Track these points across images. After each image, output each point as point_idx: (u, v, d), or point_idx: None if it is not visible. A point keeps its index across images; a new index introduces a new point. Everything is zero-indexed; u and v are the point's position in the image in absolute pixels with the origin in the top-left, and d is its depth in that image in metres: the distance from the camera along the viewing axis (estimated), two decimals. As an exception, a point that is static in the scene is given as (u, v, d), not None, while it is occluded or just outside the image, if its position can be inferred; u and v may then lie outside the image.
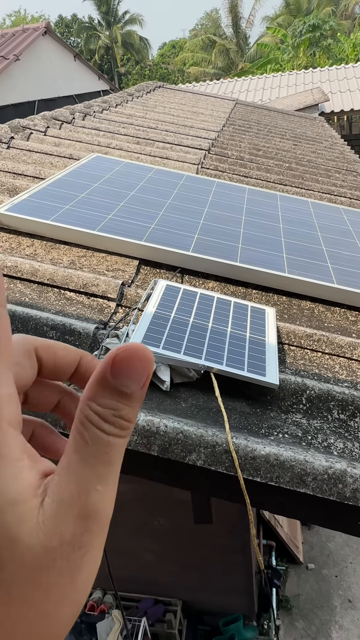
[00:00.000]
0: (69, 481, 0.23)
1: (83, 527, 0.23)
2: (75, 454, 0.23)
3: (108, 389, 0.23)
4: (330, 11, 20.35)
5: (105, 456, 0.23)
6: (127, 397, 0.24)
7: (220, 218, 1.99)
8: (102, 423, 0.23)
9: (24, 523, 0.22)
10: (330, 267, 1.70)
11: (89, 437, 0.23)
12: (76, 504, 0.22)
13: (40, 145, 2.73)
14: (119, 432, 0.24)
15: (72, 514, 0.22)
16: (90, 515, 0.23)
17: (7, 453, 0.22)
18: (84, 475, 0.23)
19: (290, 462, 0.95)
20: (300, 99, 8.86)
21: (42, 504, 0.22)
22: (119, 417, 0.23)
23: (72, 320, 1.25)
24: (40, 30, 9.24)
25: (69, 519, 0.22)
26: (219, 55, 22.27)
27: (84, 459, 0.23)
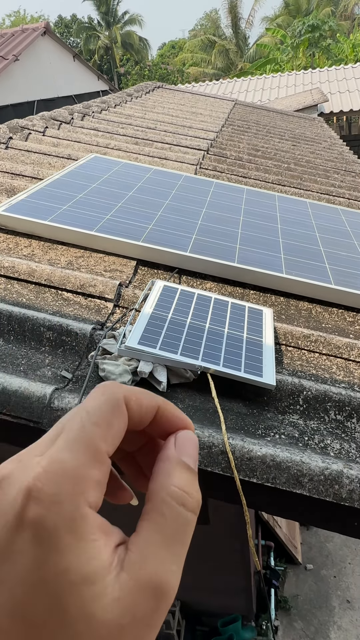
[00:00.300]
0: (146, 560, 0.24)
1: (155, 606, 0.23)
2: (154, 533, 0.24)
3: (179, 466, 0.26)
4: (330, 12, 20.38)
5: (183, 535, 0.25)
6: (192, 472, 0.26)
7: (218, 219, 1.99)
8: (186, 498, 0.25)
9: (99, 600, 0.22)
10: (328, 268, 1.70)
11: (170, 514, 0.24)
12: (152, 584, 0.23)
13: (39, 146, 2.73)
14: (195, 507, 0.25)
15: (147, 592, 0.23)
16: (163, 594, 0.24)
17: (86, 535, 0.23)
18: (162, 556, 0.24)
19: (286, 463, 0.95)
20: (299, 99, 8.86)
21: (118, 579, 0.23)
22: (195, 490, 0.26)
23: (69, 320, 1.25)
24: (40, 30, 9.24)
25: (143, 598, 0.23)
26: (218, 55, 22.28)
27: (164, 539, 0.24)
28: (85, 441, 0.25)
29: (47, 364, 1.16)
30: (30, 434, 1.04)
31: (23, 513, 0.22)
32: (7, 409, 1.01)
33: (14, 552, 0.22)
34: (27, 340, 1.21)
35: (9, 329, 1.22)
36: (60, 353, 1.20)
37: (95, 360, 1.13)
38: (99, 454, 0.25)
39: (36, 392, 1.01)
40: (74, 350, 1.20)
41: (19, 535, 0.22)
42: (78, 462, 0.24)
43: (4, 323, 1.22)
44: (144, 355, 1.12)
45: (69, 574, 0.22)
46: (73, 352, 1.20)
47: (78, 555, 0.22)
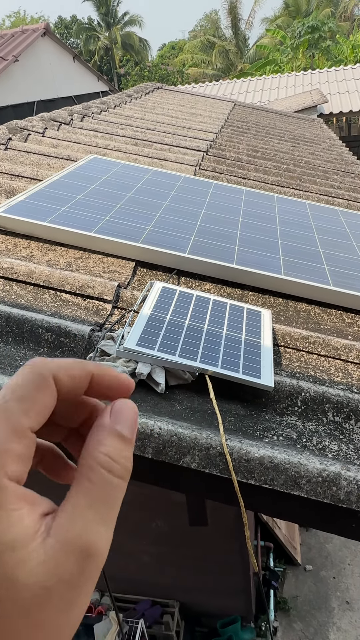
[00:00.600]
0: (73, 523, 0.24)
1: (82, 567, 0.24)
2: (81, 496, 0.25)
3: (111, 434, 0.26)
4: (329, 13, 20.40)
5: (110, 499, 0.25)
6: (126, 441, 0.27)
7: (217, 220, 1.99)
8: (112, 464, 0.26)
9: (23, 565, 0.23)
10: (327, 269, 1.70)
11: (97, 479, 0.25)
12: (77, 545, 0.24)
13: (38, 147, 2.73)
14: (123, 473, 0.26)
15: (73, 554, 0.24)
16: (90, 555, 0.24)
17: (4, 504, 0.24)
18: (89, 518, 0.24)
19: (284, 465, 0.95)
20: (299, 100, 8.87)
21: (44, 544, 0.24)
22: (124, 457, 0.26)
23: (68, 322, 1.25)
24: (40, 31, 9.25)
25: (69, 559, 0.23)
26: (218, 56, 22.30)
27: (90, 502, 0.25)
28: (5, 416, 0.25)
29: (45, 365, 1.16)
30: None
31: None
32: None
33: None
34: (25, 342, 1.21)
35: (7, 330, 1.22)
36: (59, 354, 1.20)
37: (93, 362, 1.13)
38: (19, 428, 0.25)
39: (34, 394, 1.01)
40: (73, 352, 1.20)
41: None
42: None
43: (3, 324, 1.22)
44: (142, 356, 1.12)
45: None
46: (71, 353, 1.20)
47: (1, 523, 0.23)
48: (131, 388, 0.30)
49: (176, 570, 2.79)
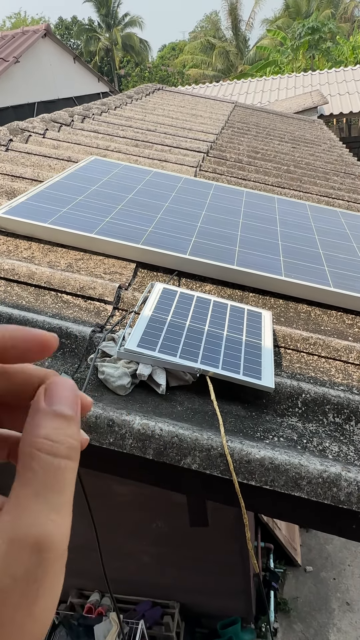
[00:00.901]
0: (20, 518, 0.23)
1: (37, 561, 0.22)
2: (24, 488, 0.23)
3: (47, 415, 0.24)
4: (330, 14, 20.42)
5: (58, 484, 0.23)
6: (67, 418, 0.25)
7: (217, 221, 2.00)
8: (53, 445, 0.24)
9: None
10: (327, 270, 1.71)
11: (38, 465, 0.23)
12: (28, 540, 0.22)
13: (39, 148, 2.74)
14: (69, 452, 0.24)
15: (25, 550, 0.22)
16: (45, 547, 0.22)
17: None
18: (36, 509, 0.23)
19: (285, 466, 0.95)
20: (299, 101, 8.88)
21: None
22: (66, 435, 0.24)
23: (69, 323, 1.25)
24: (40, 32, 9.26)
25: (21, 556, 0.22)
26: (218, 57, 22.32)
27: (35, 492, 0.23)
28: None
29: (46, 366, 1.16)
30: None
31: None
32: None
33: None
34: (26, 343, 1.22)
35: (8, 332, 1.23)
36: (60, 356, 1.20)
37: (94, 363, 1.13)
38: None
39: (35, 395, 1.01)
40: (74, 353, 1.20)
41: None
42: None
43: (4, 325, 1.23)
44: (143, 357, 1.12)
45: None
46: (73, 354, 1.20)
47: None
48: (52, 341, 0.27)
49: (176, 571, 2.79)
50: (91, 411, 1.01)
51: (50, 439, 0.24)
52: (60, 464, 0.24)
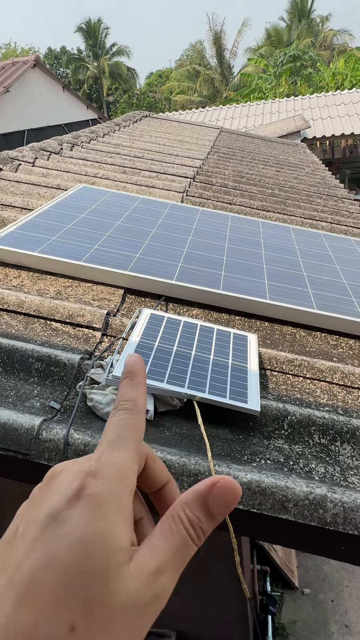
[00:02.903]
0: (152, 558, 0.27)
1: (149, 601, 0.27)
2: (161, 539, 0.28)
3: (202, 504, 0.29)
4: (310, 42, 21.24)
5: (182, 553, 0.28)
6: (211, 517, 0.29)
7: (203, 246, 2.05)
8: (189, 526, 0.29)
9: (119, 569, 0.26)
10: (311, 293, 1.75)
11: (176, 531, 0.28)
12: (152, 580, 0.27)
13: (29, 176, 2.80)
14: (196, 539, 0.29)
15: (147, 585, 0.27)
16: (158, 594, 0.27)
17: (125, 510, 0.28)
18: (164, 559, 0.28)
19: (271, 489, 0.97)
20: (282, 125, 9.15)
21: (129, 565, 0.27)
22: (201, 528, 0.29)
23: (58, 351, 1.27)
24: (30, 63, 9.51)
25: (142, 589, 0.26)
26: (204, 84, 23.01)
27: (168, 547, 0.28)
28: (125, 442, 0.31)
29: (35, 394, 1.18)
30: (18, 465, 1.05)
31: (81, 489, 0.27)
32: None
33: (66, 517, 0.27)
34: (15, 372, 1.23)
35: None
36: (49, 383, 1.22)
37: (83, 390, 1.15)
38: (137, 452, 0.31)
39: (24, 424, 1.02)
40: (62, 381, 1.22)
41: (73, 505, 0.27)
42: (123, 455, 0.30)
43: (-7, 355, 1.24)
44: (131, 384, 1.14)
45: (106, 537, 0.26)
46: (61, 382, 1.22)
47: (116, 523, 0.27)
48: None
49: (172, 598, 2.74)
50: (80, 438, 1.02)
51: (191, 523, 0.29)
52: (188, 541, 0.29)
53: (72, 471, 0.29)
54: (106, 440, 0.31)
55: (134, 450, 0.30)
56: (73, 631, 0.24)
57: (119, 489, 0.28)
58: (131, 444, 0.31)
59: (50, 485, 0.29)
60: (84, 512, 0.27)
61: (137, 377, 0.34)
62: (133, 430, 0.31)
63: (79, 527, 0.26)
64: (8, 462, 1.05)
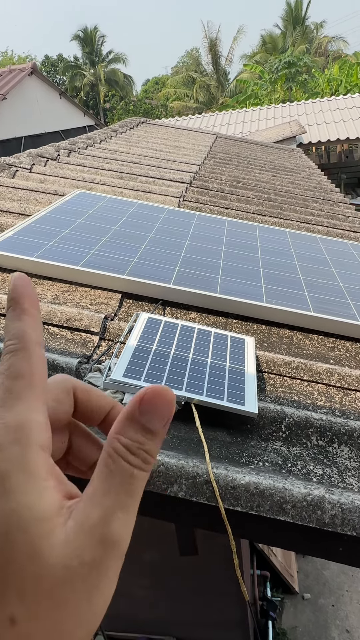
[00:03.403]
0: (93, 507, 0.25)
1: (102, 552, 0.24)
2: (101, 483, 0.25)
3: (135, 425, 0.26)
4: (305, 49, 21.45)
5: (129, 487, 0.25)
6: (151, 433, 0.26)
7: (200, 250, 2.06)
8: (128, 455, 0.26)
9: (48, 539, 0.23)
10: (307, 296, 1.76)
11: (115, 467, 0.25)
12: (98, 529, 0.24)
13: (26, 182, 2.81)
14: (142, 465, 0.26)
15: (94, 538, 0.24)
16: (110, 540, 0.24)
17: (35, 473, 0.25)
18: (107, 504, 0.25)
19: (269, 491, 0.97)
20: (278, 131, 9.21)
21: (65, 525, 0.24)
22: (144, 450, 0.26)
23: (55, 355, 1.27)
24: (27, 70, 9.57)
25: (89, 542, 0.24)
26: (200, 90, 23.18)
27: (109, 489, 0.25)
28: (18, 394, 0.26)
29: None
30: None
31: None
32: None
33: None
34: (14, 376, 1.23)
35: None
36: (47, 387, 1.22)
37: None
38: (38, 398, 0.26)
39: (23, 428, 1.02)
40: (61, 385, 1.22)
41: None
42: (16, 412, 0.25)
43: (-9, 359, 1.24)
44: (128, 387, 1.15)
45: (18, 512, 0.23)
46: (59, 386, 1.22)
47: (28, 493, 0.24)
48: None
49: (171, 604, 2.72)
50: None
51: (129, 448, 0.26)
52: (133, 472, 0.25)
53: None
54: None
55: (32, 400, 0.26)
56: (15, 623, 0.22)
57: (20, 452, 0.24)
58: (26, 393, 0.26)
59: None
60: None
61: (22, 302, 0.28)
62: (26, 376, 0.26)
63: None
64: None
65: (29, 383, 0.26)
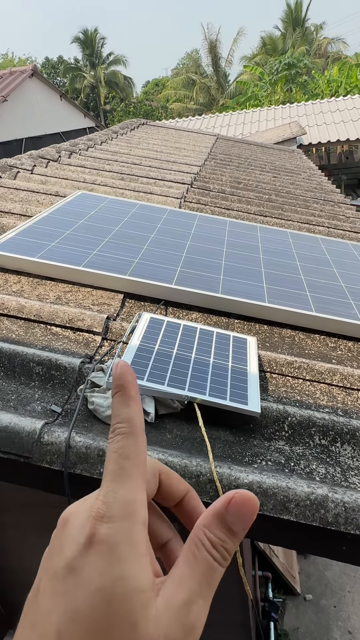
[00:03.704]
0: (180, 589, 0.27)
1: (183, 634, 0.26)
2: (186, 567, 0.28)
3: (221, 524, 0.28)
4: (304, 50, 21.48)
5: (209, 577, 0.28)
6: (233, 534, 0.29)
7: (202, 250, 2.06)
8: (212, 549, 0.28)
9: (144, 611, 0.25)
10: (309, 296, 1.76)
11: (200, 556, 0.28)
12: (182, 612, 0.26)
13: (27, 184, 2.81)
14: (222, 560, 0.28)
15: (178, 619, 0.26)
16: (190, 625, 0.26)
17: (139, 547, 0.27)
18: (192, 588, 0.27)
19: (273, 490, 0.97)
20: (278, 132, 9.23)
21: (156, 601, 0.26)
22: (224, 548, 0.28)
23: (58, 355, 1.28)
24: (27, 72, 9.59)
25: (174, 623, 0.26)
26: (200, 92, 23.22)
27: (194, 575, 0.27)
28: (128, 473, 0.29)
29: (36, 398, 1.18)
30: (20, 469, 1.05)
31: (92, 535, 0.27)
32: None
33: (82, 567, 0.26)
34: (17, 376, 1.24)
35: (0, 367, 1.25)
36: (50, 387, 1.22)
37: (84, 394, 1.15)
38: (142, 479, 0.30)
39: (26, 427, 1.02)
40: (63, 384, 1.22)
41: (86, 553, 0.27)
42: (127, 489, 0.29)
43: (-6, 359, 1.25)
44: (131, 387, 1.15)
45: (125, 581, 0.26)
46: (62, 386, 1.22)
47: (133, 564, 0.26)
48: None
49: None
50: (81, 441, 1.02)
51: (214, 545, 0.28)
52: (214, 565, 0.28)
53: (81, 516, 0.28)
54: (108, 474, 0.29)
55: (139, 479, 0.29)
56: None
57: (129, 527, 0.27)
58: (134, 473, 0.29)
59: (63, 532, 0.29)
60: (98, 559, 0.26)
61: (128, 390, 0.32)
62: (134, 457, 0.30)
63: (94, 576, 0.26)
64: (9, 466, 1.06)
65: (137, 464, 0.30)
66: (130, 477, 0.29)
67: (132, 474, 0.29)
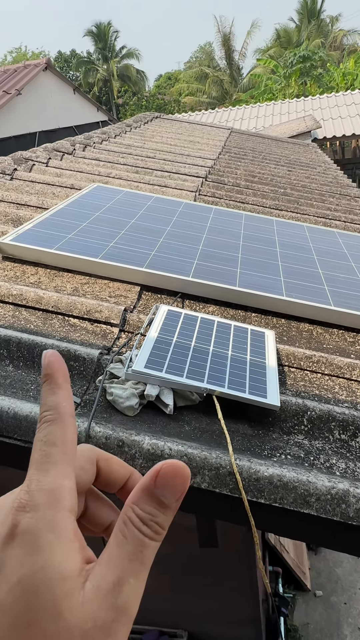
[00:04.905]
0: (108, 572, 0.26)
1: (114, 616, 0.25)
2: (116, 548, 0.27)
3: (150, 497, 0.27)
4: (320, 43, 21.15)
5: (140, 555, 0.27)
6: (164, 507, 0.28)
7: (218, 243, 2.05)
8: (141, 525, 0.27)
9: (68, 599, 0.25)
10: (327, 290, 1.74)
11: (129, 535, 0.27)
12: (111, 594, 0.25)
13: (43, 176, 2.82)
14: (153, 535, 0.27)
15: (107, 602, 0.25)
16: (122, 606, 0.26)
17: (64, 534, 0.26)
18: (121, 568, 0.26)
19: (293, 483, 0.96)
20: (293, 126, 9.12)
21: (84, 587, 0.25)
22: (155, 522, 0.27)
23: (77, 346, 1.28)
24: (41, 66, 9.59)
25: (103, 607, 0.25)
26: (212, 85, 23.02)
27: (123, 555, 0.27)
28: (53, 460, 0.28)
29: (55, 389, 1.18)
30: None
31: (14, 527, 0.26)
32: (18, 433, 1.03)
33: (4, 561, 0.25)
34: (36, 366, 1.24)
35: (18, 355, 1.25)
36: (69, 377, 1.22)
37: (103, 385, 1.16)
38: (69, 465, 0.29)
39: (46, 417, 1.03)
40: (82, 375, 1.23)
41: (9, 545, 0.26)
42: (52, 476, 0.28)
43: (14, 349, 1.26)
44: (150, 378, 1.14)
45: (46, 570, 0.25)
46: (81, 376, 1.22)
47: (56, 552, 0.26)
48: None
49: (184, 598, 2.73)
50: (101, 431, 1.03)
51: (142, 519, 0.27)
52: (145, 541, 0.27)
53: (4, 508, 0.28)
54: (33, 462, 0.29)
55: (65, 466, 0.28)
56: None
57: (53, 514, 0.26)
58: (60, 460, 0.28)
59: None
60: (20, 551, 0.25)
61: (55, 377, 0.31)
62: (61, 444, 0.29)
63: (16, 568, 0.25)
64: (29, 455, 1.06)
65: (63, 451, 0.29)
66: (55, 465, 0.28)
67: (58, 461, 0.28)
